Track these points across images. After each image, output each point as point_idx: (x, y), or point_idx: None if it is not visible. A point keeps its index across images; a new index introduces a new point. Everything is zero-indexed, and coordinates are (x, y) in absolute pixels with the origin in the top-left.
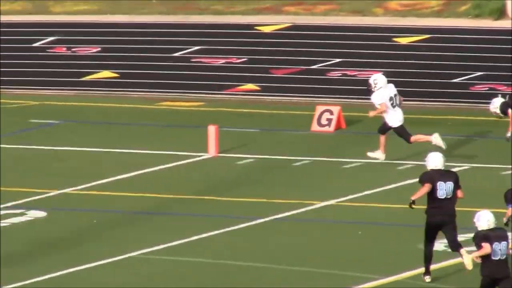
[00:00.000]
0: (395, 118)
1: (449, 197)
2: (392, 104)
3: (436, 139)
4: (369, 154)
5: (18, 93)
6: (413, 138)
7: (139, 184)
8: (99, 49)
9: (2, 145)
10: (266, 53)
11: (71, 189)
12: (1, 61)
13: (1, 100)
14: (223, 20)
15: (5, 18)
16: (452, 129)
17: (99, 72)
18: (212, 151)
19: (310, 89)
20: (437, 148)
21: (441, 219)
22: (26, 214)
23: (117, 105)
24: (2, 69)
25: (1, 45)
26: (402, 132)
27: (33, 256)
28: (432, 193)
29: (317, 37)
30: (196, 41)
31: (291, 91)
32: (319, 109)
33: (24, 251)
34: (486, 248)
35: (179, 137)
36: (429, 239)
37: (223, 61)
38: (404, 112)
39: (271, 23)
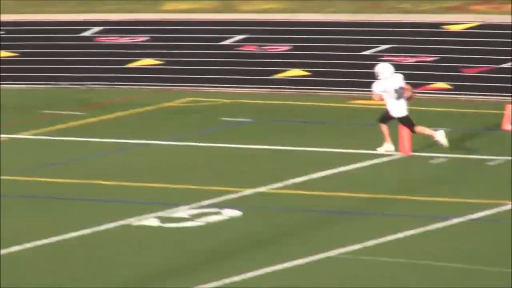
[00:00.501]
0: (399, 108)
1: None
2: (396, 97)
3: (439, 136)
4: (379, 149)
5: (210, 91)
6: (418, 129)
7: (332, 183)
8: (290, 47)
9: (194, 143)
10: (456, 51)
11: (265, 187)
12: (193, 58)
13: (193, 98)
14: (411, 19)
15: (194, 16)
16: None
17: (289, 70)
18: (404, 149)
19: (501, 88)
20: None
21: None
22: (221, 213)
23: (308, 103)
24: (195, 67)
25: (192, 43)
26: (406, 121)
27: (230, 255)
28: None
29: (506, 36)
30: (384, 39)
31: (482, 89)
32: (510, 107)
33: (221, 250)
34: None
35: (371, 136)
36: None
37: (413, 59)
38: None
39: (459, 21)
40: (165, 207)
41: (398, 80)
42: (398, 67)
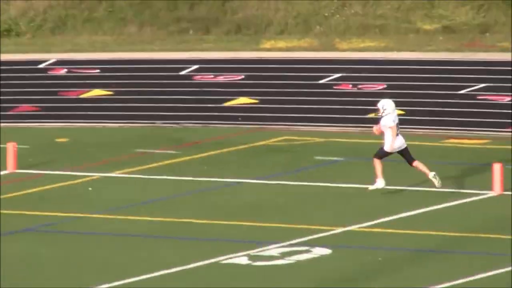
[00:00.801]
0: (398, 142)
1: None
2: (397, 132)
3: (432, 176)
4: (371, 187)
5: (302, 130)
6: (416, 164)
7: (423, 222)
8: (385, 86)
9: (286, 182)
10: None
11: (355, 226)
12: (288, 97)
13: (287, 137)
14: (509, 58)
15: (293, 55)
16: None
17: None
18: (497, 189)
19: None
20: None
21: None
22: (311, 251)
23: None
24: (288, 106)
25: (289, 82)
26: (406, 154)
27: None
28: None
29: None
30: (482, 78)
31: None
32: None
33: None
34: None
35: (463, 175)
36: None
37: (509, 98)
38: None
39: None
40: (256, 245)
41: (396, 116)
42: (493, 106)
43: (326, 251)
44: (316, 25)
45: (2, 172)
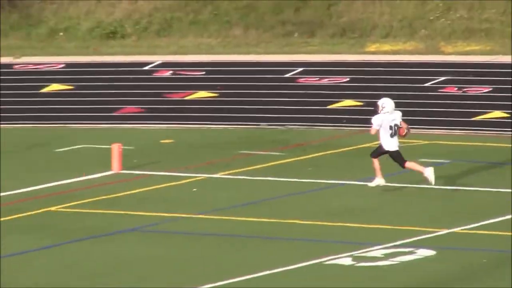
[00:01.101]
0: (392, 143)
1: None
2: (390, 133)
3: (428, 172)
4: (370, 184)
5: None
6: (408, 164)
7: None
8: (490, 89)
9: (390, 184)
10: None
11: (459, 228)
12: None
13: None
14: None
15: (398, 58)
16: None
17: (490, 112)
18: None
19: None
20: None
21: None
22: (415, 252)
23: (507, 145)
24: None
25: (394, 85)
26: (397, 156)
27: None
28: None
29: None
30: None
31: None
32: None
33: None
34: None
35: None
36: None
37: None
38: None
39: None
40: (360, 246)
41: (397, 117)
42: None
43: (430, 252)
44: (421, 29)
45: (107, 173)
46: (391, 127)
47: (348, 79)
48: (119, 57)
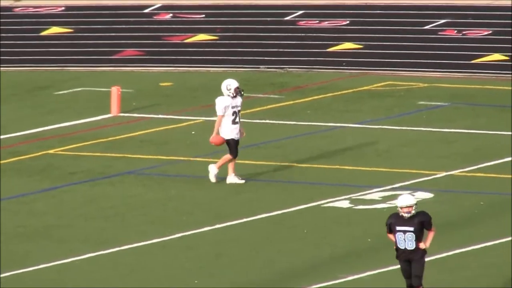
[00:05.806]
0: (232, 131)
1: None
2: (233, 119)
3: (210, 169)
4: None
5: (406, 75)
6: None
7: None
8: (490, 32)
9: (389, 126)
10: None
11: (457, 171)
12: (393, 43)
13: (390, 82)
14: None
15: (398, 1)
16: None
17: (489, 55)
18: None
19: None
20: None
21: None
22: (413, 195)
23: (507, 88)
24: (392, 51)
25: (393, 27)
26: (233, 147)
27: None
28: None
29: None
30: None
31: None
32: None
33: None
34: None
35: None
36: None
37: None
38: None
39: None
40: (358, 189)
41: (239, 102)
42: None
43: (428, 195)
44: None
45: (106, 116)
46: (234, 113)
47: (348, 22)
48: (119, 0)
